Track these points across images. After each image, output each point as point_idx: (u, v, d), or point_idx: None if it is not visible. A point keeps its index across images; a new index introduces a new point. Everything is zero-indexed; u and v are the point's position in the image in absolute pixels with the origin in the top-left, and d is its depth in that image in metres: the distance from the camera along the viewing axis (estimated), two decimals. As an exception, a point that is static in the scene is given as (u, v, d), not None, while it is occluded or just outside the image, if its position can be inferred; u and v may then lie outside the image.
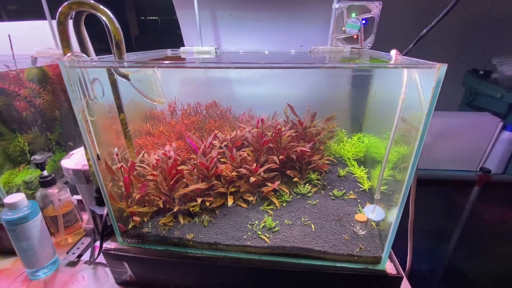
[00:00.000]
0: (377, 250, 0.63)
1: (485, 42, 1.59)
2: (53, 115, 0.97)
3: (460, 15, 1.48)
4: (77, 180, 0.76)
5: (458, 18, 1.50)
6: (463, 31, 1.61)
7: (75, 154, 0.82)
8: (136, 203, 0.69)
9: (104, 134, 0.64)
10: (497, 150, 1.39)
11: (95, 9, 0.52)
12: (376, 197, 0.63)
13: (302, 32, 1.05)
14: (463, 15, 1.51)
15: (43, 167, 0.79)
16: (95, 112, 0.59)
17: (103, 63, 0.57)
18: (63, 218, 0.85)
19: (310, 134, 0.78)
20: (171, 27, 1.50)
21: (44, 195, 0.81)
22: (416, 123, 0.53)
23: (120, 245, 0.69)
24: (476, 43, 1.62)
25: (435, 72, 0.45)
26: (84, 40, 0.61)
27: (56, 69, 0.96)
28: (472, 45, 1.63)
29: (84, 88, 0.55)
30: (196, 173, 0.70)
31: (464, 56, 1.66)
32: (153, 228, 0.68)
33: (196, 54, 0.92)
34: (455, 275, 1.54)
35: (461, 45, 1.65)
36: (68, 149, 1.03)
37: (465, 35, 1.62)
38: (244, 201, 0.73)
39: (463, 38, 1.63)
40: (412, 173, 0.52)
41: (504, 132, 1.35)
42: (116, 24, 0.54)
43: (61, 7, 0.51)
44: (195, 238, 0.66)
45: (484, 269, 1.57)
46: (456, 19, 1.49)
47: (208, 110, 0.90)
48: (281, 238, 0.65)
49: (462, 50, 1.66)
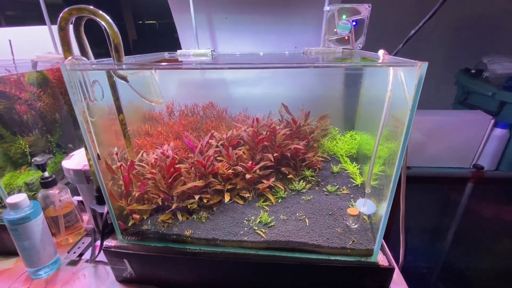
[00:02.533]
0: (369, 243, 0.65)
1: (476, 42, 1.63)
2: (53, 118, 0.99)
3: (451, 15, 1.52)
4: (77, 180, 0.78)
5: (449, 18, 1.54)
6: (454, 31, 1.64)
7: (75, 155, 0.84)
8: (135, 201, 0.71)
9: (104, 134, 0.66)
10: (490, 147, 1.42)
11: (95, 14, 0.54)
12: (367, 191, 0.65)
13: (296, 34, 1.08)
14: (454, 15, 1.54)
15: (44, 168, 0.81)
16: (95, 113, 0.61)
17: (103, 66, 0.59)
18: (64, 218, 0.87)
19: (304, 132, 0.81)
20: (168, 31, 1.52)
21: (45, 195, 0.83)
22: (403, 119, 0.56)
23: (120, 242, 0.71)
24: (467, 42, 1.65)
25: (417, 70, 0.47)
26: (84, 44, 0.63)
27: (56, 72, 0.99)
28: (464, 44, 1.67)
29: (84, 90, 0.57)
30: (193, 171, 0.72)
31: (457, 56, 1.69)
32: (153, 225, 0.70)
33: (193, 57, 0.95)
34: (451, 271, 1.57)
35: (453, 45, 1.68)
36: (68, 151, 1.05)
37: (456, 35, 1.66)
38: (241, 198, 0.75)
39: (455, 38, 1.66)
40: (400, 167, 0.54)
41: (496, 129, 1.38)
42: (115, 28, 0.56)
43: (62, 12, 0.53)
44: (193, 234, 0.68)
45: (479, 264, 1.61)
46: (447, 19, 1.53)
47: (205, 111, 0.92)
48: (276, 232, 0.67)
49: (454, 49, 1.69)
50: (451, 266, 1.60)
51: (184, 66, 0.66)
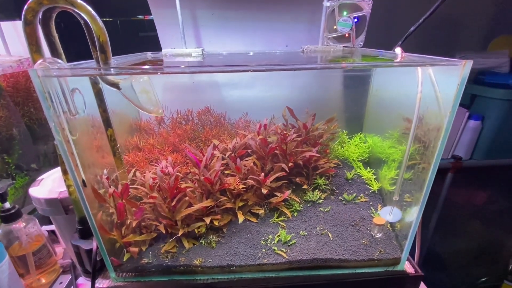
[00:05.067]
0: (396, 251, 0.62)
1: (446, 39, 1.72)
2: (9, 133, 0.81)
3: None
4: (52, 212, 0.63)
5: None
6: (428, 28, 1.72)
7: (45, 179, 0.69)
8: (131, 231, 0.59)
9: (89, 154, 0.54)
10: (465, 138, 1.52)
11: (73, 4, 0.42)
12: (395, 198, 0.61)
13: (288, 32, 1.02)
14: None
15: (4, 199, 0.65)
16: (77, 129, 0.49)
17: (88, 71, 0.47)
18: (33, 256, 0.71)
19: (314, 138, 0.75)
20: (132, 30, 1.37)
21: (7, 231, 0.67)
22: (433, 121, 0.52)
23: (114, 282, 0.59)
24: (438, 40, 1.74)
25: (459, 69, 0.44)
26: (55, 42, 0.50)
27: (10, 79, 0.81)
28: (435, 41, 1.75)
29: (63, 101, 0.45)
30: (199, 189, 0.62)
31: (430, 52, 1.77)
32: (154, 257, 0.60)
33: (181, 57, 0.84)
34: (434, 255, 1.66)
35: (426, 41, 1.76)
36: (32, 172, 0.87)
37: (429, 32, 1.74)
38: (253, 215, 0.67)
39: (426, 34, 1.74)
40: (435, 171, 0.51)
41: (470, 121, 1.47)
42: (100, 23, 0.45)
43: (28, 2, 0.40)
44: (204, 263, 0.59)
45: (455, 247, 1.72)
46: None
47: (201, 117, 0.82)
48: (298, 251, 0.60)
49: (426, 46, 1.77)
50: (432, 251, 1.69)
51: (188, 70, 0.56)
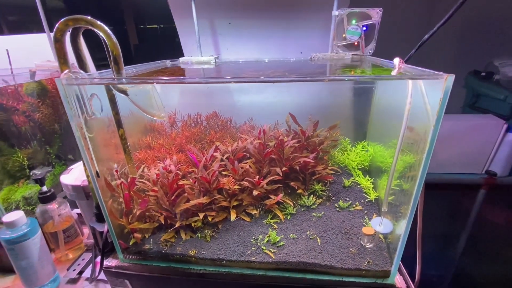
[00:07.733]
0: (386, 264, 0.61)
1: (484, 44, 1.58)
2: (52, 128, 0.96)
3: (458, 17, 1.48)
4: (76, 196, 0.75)
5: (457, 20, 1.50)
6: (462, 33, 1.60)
7: (74, 169, 0.81)
8: (136, 219, 0.67)
9: (103, 149, 0.63)
10: (502, 153, 1.37)
11: (92, 25, 0.51)
12: (384, 209, 0.61)
13: (302, 39, 1.04)
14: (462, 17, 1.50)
15: (42, 183, 0.78)
16: (93, 128, 0.58)
17: (101, 80, 0.56)
18: (63, 233, 0.84)
19: (313, 144, 0.77)
20: (170, 35, 1.50)
21: (43, 211, 0.80)
22: (423, 133, 0.52)
23: (121, 262, 0.68)
24: (475, 44, 1.61)
25: (442, 82, 0.43)
26: (82, 55, 0.60)
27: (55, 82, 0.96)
28: (471, 46, 1.62)
29: (82, 105, 0.54)
30: (197, 187, 0.68)
31: (464, 58, 1.64)
32: (155, 245, 0.67)
33: (196, 65, 0.91)
34: (462, 279, 1.52)
35: (460, 47, 1.64)
36: (69, 162, 1.01)
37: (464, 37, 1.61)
38: (247, 215, 0.71)
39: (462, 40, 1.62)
40: (421, 185, 0.50)
41: (509, 134, 1.33)
42: (114, 39, 0.53)
43: (57, 23, 0.50)
44: (197, 254, 0.64)
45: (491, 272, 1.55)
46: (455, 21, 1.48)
47: (209, 121, 0.88)
48: (286, 252, 0.63)
49: (462, 52, 1.65)
50: (462, 273, 1.55)
51: (187, 80, 0.63)
